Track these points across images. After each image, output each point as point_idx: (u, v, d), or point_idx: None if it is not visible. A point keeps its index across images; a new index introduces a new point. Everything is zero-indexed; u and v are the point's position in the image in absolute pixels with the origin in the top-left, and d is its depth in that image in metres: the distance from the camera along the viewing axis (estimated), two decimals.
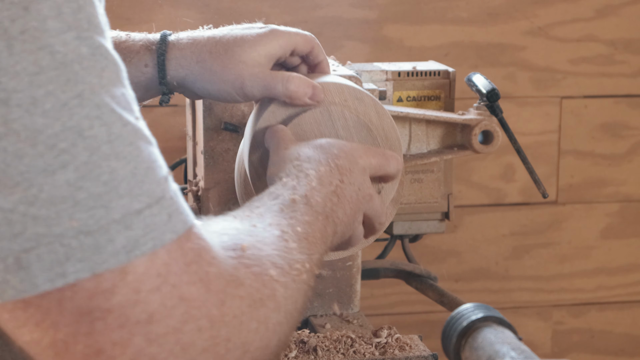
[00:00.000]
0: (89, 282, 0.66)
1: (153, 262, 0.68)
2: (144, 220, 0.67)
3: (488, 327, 1.29)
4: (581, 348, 2.12)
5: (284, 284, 0.78)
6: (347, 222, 0.96)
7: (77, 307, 0.66)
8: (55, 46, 0.65)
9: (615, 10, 2.00)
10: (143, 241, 0.67)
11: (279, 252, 0.80)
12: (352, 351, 1.12)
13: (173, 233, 0.69)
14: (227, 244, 0.76)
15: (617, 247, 2.10)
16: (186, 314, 0.69)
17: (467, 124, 1.40)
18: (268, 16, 1.88)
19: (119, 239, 0.66)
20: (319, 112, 1.07)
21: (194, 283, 0.70)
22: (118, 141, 0.67)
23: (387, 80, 1.42)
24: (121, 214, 0.66)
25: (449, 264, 2.04)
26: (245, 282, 0.74)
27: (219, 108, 1.31)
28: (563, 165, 2.04)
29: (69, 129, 0.65)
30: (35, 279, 0.65)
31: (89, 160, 0.66)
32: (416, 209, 1.43)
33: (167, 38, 1.10)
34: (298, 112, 1.07)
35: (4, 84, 0.64)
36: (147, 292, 0.67)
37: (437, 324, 1.69)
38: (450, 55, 1.95)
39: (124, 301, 0.67)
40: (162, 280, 0.68)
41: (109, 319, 0.67)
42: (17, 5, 0.64)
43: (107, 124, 0.66)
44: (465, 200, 2.02)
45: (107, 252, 0.66)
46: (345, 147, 1.00)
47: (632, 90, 2.04)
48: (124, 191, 0.67)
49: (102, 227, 0.66)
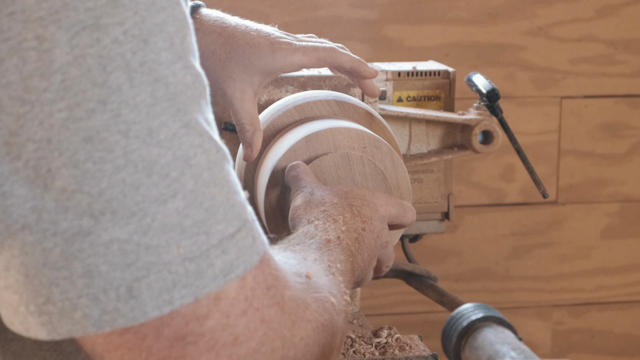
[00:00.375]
0: (187, 309, 0.67)
1: (242, 287, 0.69)
2: (237, 244, 0.69)
3: (488, 327, 1.29)
4: (581, 348, 2.12)
5: (338, 312, 0.81)
6: (363, 267, 0.99)
7: (173, 332, 0.67)
8: (169, 77, 0.67)
9: (615, 10, 2.00)
10: (236, 264, 0.69)
11: (332, 283, 0.83)
12: (352, 351, 1.12)
13: (258, 255, 0.71)
14: (294, 269, 0.79)
15: (617, 247, 2.10)
16: (264, 336, 0.71)
17: (467, 124, 1.40)
18: (268, 16, 1.88)
19: (217, 263, 0.68)
20: (338, 156, 1.10)
21: (273, 306, 0.72)
22: (215, 167, 0.69)
23: (387, 80, 1.42)
24: (219, 239, 0.68)
25: (449, 264, 2.04)
26: (312, 306, 0.76)
27: (219, 108, 1.31)
28: (563, 165, 2.04)
29: (179, 157, 0.67)
30: (145, 306, 0.66)
31: (194, 188, 0.67)
32: (416, 209, 1.42)
33: (199, 9, 1.12)
34: (318, 154, 1.10)
35: (125, 115, 0.65)
36: (235, 316, 0.69)
37: (437, 324, 1.69)
38: (450, 55, 1.95)
39: (216, 325, 0.68)
40: (249, 304, 0.70)
41: (200, 343, 0.68)
42: (138, 38, 0.66)
43: (206, 151, 0.68)
44: (465, 200, 2.02)
45: (207, 276, 0.68)
46: (368, 195, 1.03)
47: (632, 90, 2.04)
48: (220, 216, 0.68)
49: (203, 252, 0.67)
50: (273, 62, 1.09)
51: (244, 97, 1.11)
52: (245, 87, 1.10)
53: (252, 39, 1.09)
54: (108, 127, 0.65)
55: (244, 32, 1.10)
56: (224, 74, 1.10)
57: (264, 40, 1.10)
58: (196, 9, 1.14)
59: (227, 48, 1.09)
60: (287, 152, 1.10)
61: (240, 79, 1.10)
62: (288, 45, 1.09)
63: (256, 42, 1.09)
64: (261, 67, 1.09)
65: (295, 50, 1.09)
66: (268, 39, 1.10)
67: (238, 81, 1.10)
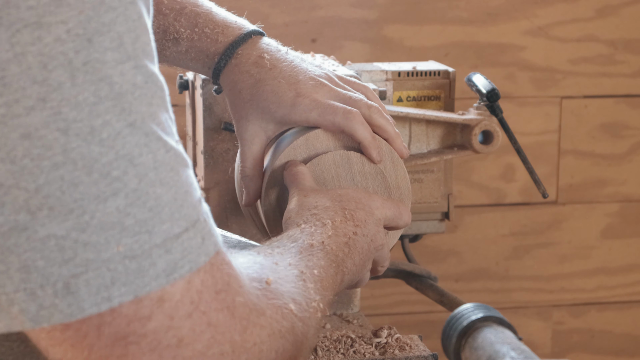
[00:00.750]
0: (129, 309, 0.68)
1: (188, 290, 0.70)
2: (182, 244, 0.70)
3: (488, 327, 1.29)
4: (581, 348, 2.12)
5: (302, 319, 0.81)
6: (355, 271, 0.99)
7: (115, 331, 0.68)
8: (114, 77, 0.67)
9: (615, 10, 2.00)
10: (181, 264, 0.69)
11: (298, 289, 0.83)
12: (352, 351, 1.12)
13: (206, 255, 0.71)
14: (253, 275, 0.79)
15: (617, 247, 2.10)
16: (212, 339, 0.71)
17: (467, 124, 1.40)
18: (268, 16, 1.88)
19: (160, 262, 0.69)
20: (338, 155, 1.09)
21: (222, 310, 0.72)
22: (162, 167, 0.69)
23: (387, 80, 1.42)
24: (162, 239, 0.69)
25: (449, 264, 2.04)
26: (267, 313, 0.77)
27: (219, 108, 1.31)
28: (563, 165, 2.04)
29: (122, 157, 0.67)
30: (82, 303, 0.67)
31: (137, 187, 0.68)
32: (416, 209, 1.43)
33: (261, 37, 1.13)
34: (318, 152, 1.10)
35: (65, 114, 0.66)
36: (179, 318, 0.70)
37: (437, 324, 1.69)
38: (450, 55, 1.95)
39: (159, 327, 0.69)
40: (194, 307, 0.70)
41: (142, 343, 0.69)
42: (82, 37, 0.66)
43: (153, 151, 0.69)
44: (465, 200, 2.02)
45: (149, 275, 0.68)
46: (364, 198, 1.03)
47: (632, 90, 2.04)
48: (166, 216, 0.69)
49: (145, 251, 0.68)
50: (290, 115, 1.09)
51: (253, 140, 1.11)
52: (258, 131, 1.11)
53: (278, 87, 1.10)
54: (47, 125, 0.65)
55: (275, 77, 1.10)
56: (242, 114, 1.11)
57: (289, 91, 1.09)
58: (253, 35, 1.13)
59: (253, 90, 1.10)
60: (286, 151, 1.10)
61: (254, 123, 1.11)
62: (310, 102, 1.09)
63: (281, 91, 1.09)
64: (278, 117, 1.10)
65: (313, 109, 1.09)
66: (295, 89, 1.09)
67: (251, 124, 1.11)
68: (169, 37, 1.14)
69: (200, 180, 1.36)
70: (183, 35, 1.13)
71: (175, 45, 1.14)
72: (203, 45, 1.13)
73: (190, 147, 1.42)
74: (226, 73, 1.12)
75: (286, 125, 1.11)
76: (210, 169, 1.32)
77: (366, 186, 1.10)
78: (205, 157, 1.32)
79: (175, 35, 1.14)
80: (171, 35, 1.14)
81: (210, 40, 1.13)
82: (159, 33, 1.14)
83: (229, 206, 1.34)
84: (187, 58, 1.15)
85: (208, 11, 1.15)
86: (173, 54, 1.15)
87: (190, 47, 1.14)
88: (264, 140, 1.12)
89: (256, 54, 1.12)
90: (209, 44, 1.13)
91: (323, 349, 1.12)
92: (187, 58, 1.15)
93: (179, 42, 1.14)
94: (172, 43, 1.14)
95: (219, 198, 1.33)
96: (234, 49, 1.12)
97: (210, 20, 1.14)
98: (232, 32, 1.13)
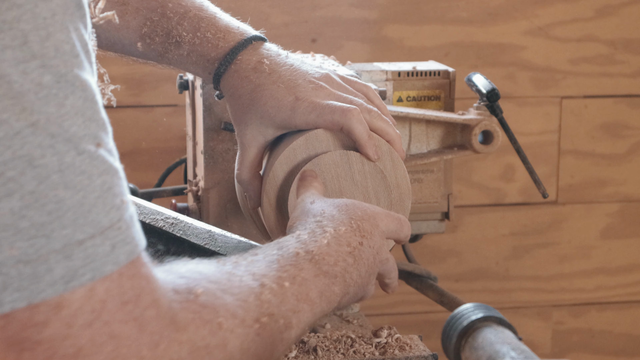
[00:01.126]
0: (23, 314, 0.66)
1: (89, 298, 0.67)
2: (85, 250, 0.67)
3: (488, 327, 1.29)
4: (581, 348, 2.12)
5: (240, 335, 0.77)
6: (361, 283, 0.97)
7: (8, 337, 0.66)
8: (13, 75, 0.65)
9: (615, 10, 2.00)
10: (82, 272, 0.67)
11: (243, 303, 0.79)
12: (352, 351, 1.12)
13: (114, 264, 0.68)
14: (181, 287, 0.75)
15: (617, 247, 2.10)
16: (114, 352, 0.68)
17: (467, 124, 1.40)
18: (268, 16, 1.88)
19: (58, 269, 0.66)
20: (338, 154, 1.09)
21: (127, 322, 0.69)
22: (69, 170, 0.66)
23: (387, 80, 1.42)
24: (62, 244, 0.66)
25: (449, 264, 2.04)
26: (189, 328, 0.73)
27: (219, 108, 1.31)
28: (563, 165, 2.04)
29: (19, 157, 0.65)
30: None
31: (35, 189, 0.65)
32: (416, 209, 1.43)
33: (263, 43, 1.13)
34: (318, 152, 1.10)
35: None
36: (78, 327, 0.67)
37: (437, 324, 1.69)
38: (450, 55, 1.95)
39: (55, 334, 0.66)
40: (95, 317, 0.68)
41: (37, 351, 0.66)
42: None
43: (59, 152, 0.66)
44: (465, 200, 2.02)
45: (44, 282, 0.66)
46: (369, 210, 1.01)
47: (632, 90, 2.04)
48: (68, 221, 0.66)
49: (41, 256, 0.65)
50: (290, 119, 1.09)
51: (251, 143, 1.11)
52: (257, 135, 1.11)
53: (277, 92, 1.09)
54: None
55: (274, 82, 1.10)
56: (242, 119, 1.11)
57: (288, 95, 1.09)
58: (254, 41, 1.13)
59: (253, 95, 1.10)
60: (286, 151, 1.09)
61: (253, 127, 1.10)
62: (308, 104, 1.09)
63: (280, 96, 1.09)
64: (278, 121, 1.09)
65: (312, 111, 1.08)
66: (294, 93, 1.09)
67: (251, 128, 1.10)
68: (171, 40, 1.14)
69: (200, 180, 1.36)
70: (185, 39, 1.13)
71: (177, 49, 1.14)
72: (204, 50, 1.13)
73: (190, 147, 1.42)
74: (226, 78, 1.12)
75: (286, 129, 1.11)
76: (210, 169, 1.32)
77: (366, 186, 1.10)
78: (205, 157, 1.32)
79: (178, 38, 1.13)
80: (174, 38, 1.13)
81: (211, 45, 1.12)
82: (162, 35, 1.14)
83: (229, 206, 1.34)
84: (188, 62, 1.14)
85: (212, 16, 1.14)
86: (175, 57, 1.15)
87: (191, 51, 1.13)
88: (262, 145, 1.11)
89: (256, 60, 1.11)
90: (210, 49, 1.12)
91: (323, 349, 1.12)
92: (188, 62, 1.14)
93: (181, 45, 1.13)
94: (174, 46, 1.14)
95: (219, 198, 1.33)
96: (234, 55, 1.12)
97: (213, 25, 1.13)
98: (233, 38, 1.13)
